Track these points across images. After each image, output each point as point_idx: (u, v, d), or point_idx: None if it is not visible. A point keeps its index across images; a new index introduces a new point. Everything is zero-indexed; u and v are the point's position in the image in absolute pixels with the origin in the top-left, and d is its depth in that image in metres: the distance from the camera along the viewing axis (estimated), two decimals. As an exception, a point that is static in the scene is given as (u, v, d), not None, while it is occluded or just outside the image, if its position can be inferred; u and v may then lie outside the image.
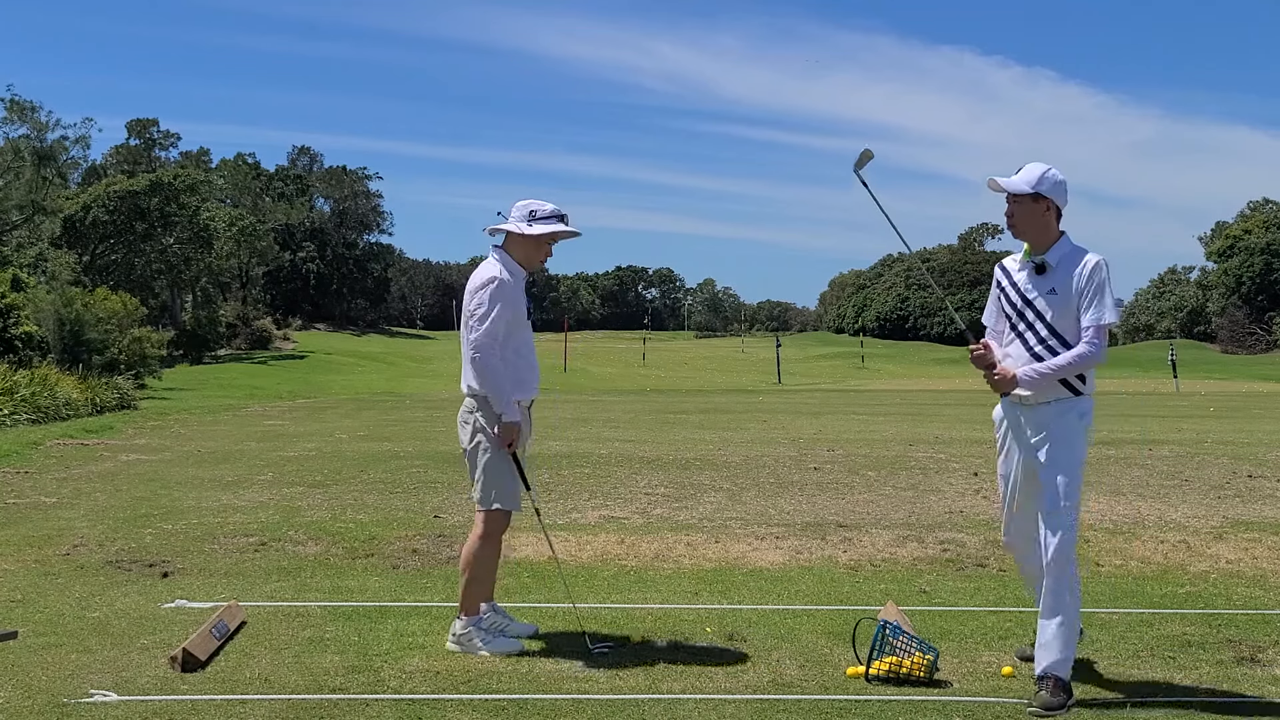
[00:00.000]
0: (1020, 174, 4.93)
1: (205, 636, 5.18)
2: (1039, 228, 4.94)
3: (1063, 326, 4.83)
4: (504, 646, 5.29)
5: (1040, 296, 4.88)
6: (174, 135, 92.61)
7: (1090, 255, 4.88)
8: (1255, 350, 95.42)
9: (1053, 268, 4.88)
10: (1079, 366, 4.79)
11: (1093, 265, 4.83)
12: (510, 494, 5.39)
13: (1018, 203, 4.93)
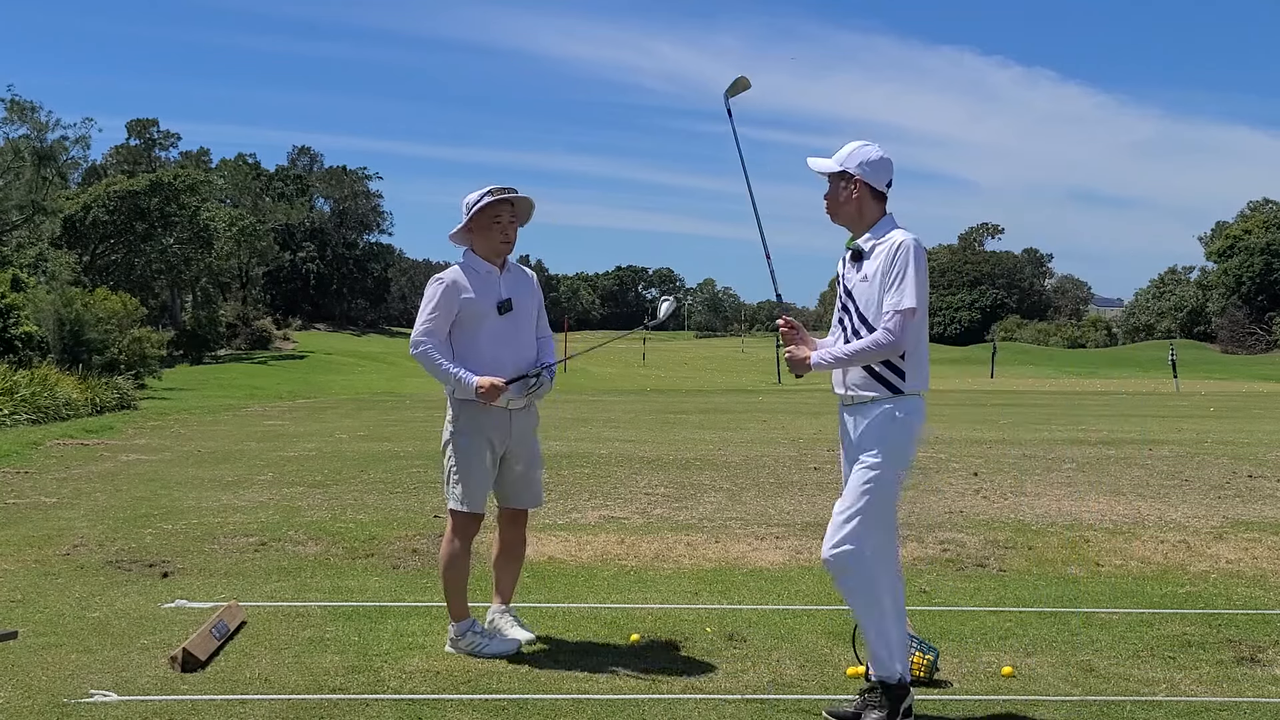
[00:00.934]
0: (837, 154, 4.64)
1: (205, 636, 5.18)
2: (850, 210, 4.64)
3: (873, 316, 4.48)
4: (500, 648, 5.28)
5: (856, 285, 4.59)
6: (174, 135, 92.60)
7: (897, 234, 4.51)
8: (1255, 350, 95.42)
9: (867, 254, 4.55)
10: (871, 354, 4.43)
11: (897, 246, 4.45)
12: (472, 495, 5.36)
13: (830, 184, 4.69)
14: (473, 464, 5.37)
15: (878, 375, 4.49)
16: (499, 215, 5.44)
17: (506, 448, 5.46)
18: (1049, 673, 5.08)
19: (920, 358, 4.54)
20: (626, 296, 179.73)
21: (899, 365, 4.48)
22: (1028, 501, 10.02)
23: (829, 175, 4.67)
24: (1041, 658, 5.32)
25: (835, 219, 4.70)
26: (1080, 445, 16.00)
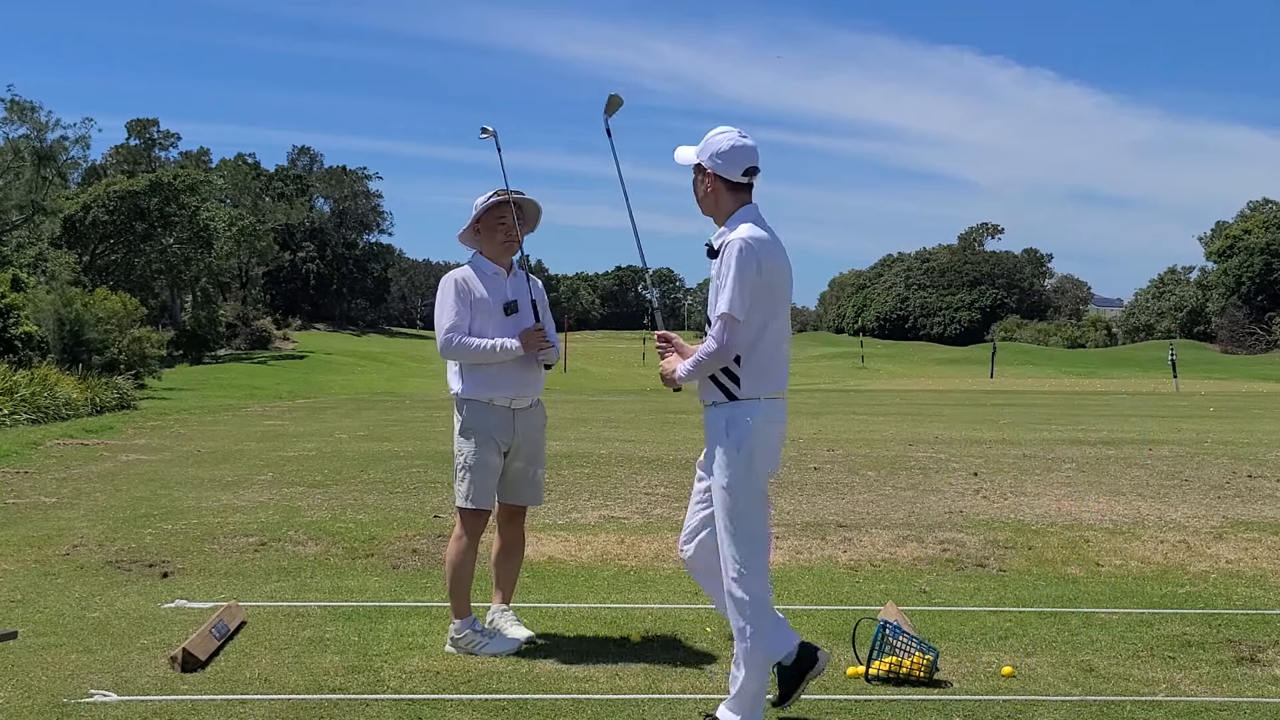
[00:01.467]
0: None
1: (205, 636, 5.18)
2: (707, 204, 4.47)
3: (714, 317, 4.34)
4: (500, 647, 5.29)
5: (711, 284, 4.43)
6: (174, 135, 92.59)
7: (733, 235, 4.26)
8: (1255, 350, 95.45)
9: (717, 251, 4.35)
10: (705, 362, 4.30)
11: (730, 247, 4.24)
12: (477, 492, 5.41)
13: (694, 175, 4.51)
14: (477, 462, 5.41)
15: (714, 380, 4.35)
16: (503, 217, 5.51)
17: (511, 445, 5.49)
18: (1049, 673, 5.08)
19: (761, 362, 4.28)
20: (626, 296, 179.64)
21: (734, 370, 4.29)
22: (1028, 501, 10.02)
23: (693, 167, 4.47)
24: (1041, 658, 5.32)
25: (703, 213, 4.52)
26: (1080, 445, 16.00)
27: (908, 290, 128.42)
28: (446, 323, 5.45)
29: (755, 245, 4.23)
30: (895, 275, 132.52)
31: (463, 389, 5.48)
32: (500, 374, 5.44)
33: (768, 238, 4.32)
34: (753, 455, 4.30)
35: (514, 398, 5.46)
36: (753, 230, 4.28)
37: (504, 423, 5.46)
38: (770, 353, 4.31)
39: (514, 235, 5.54)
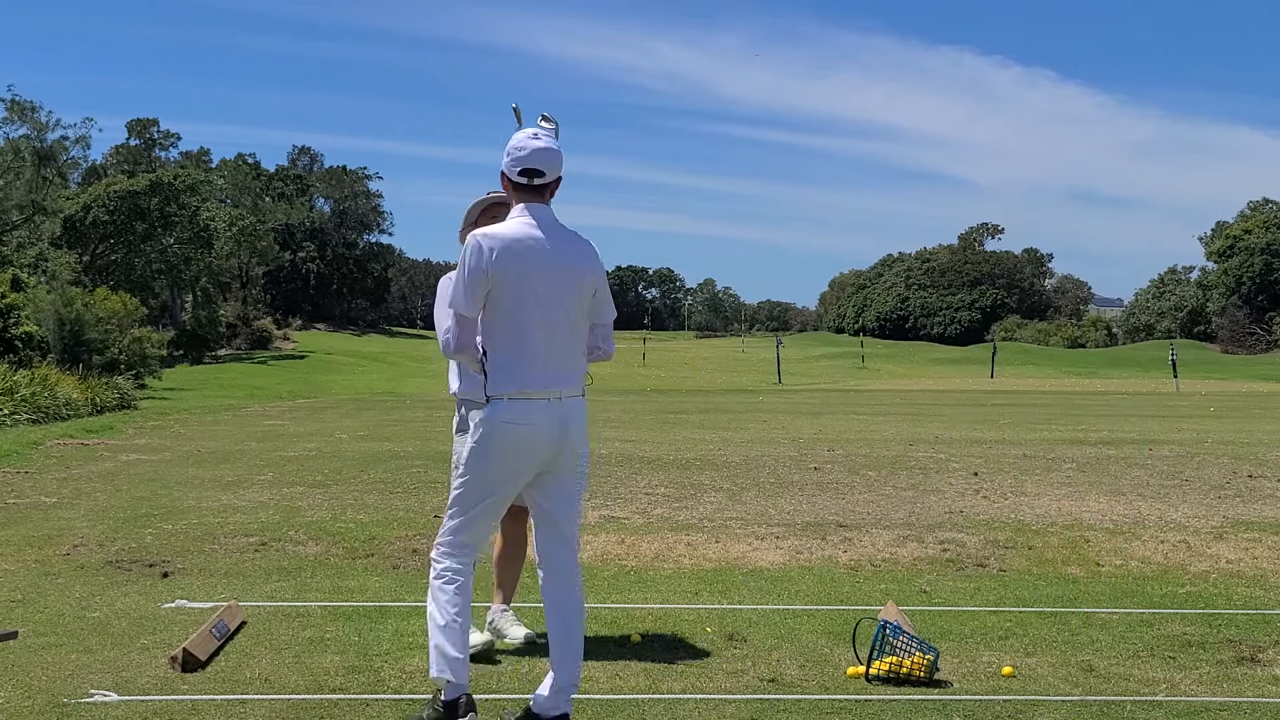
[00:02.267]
0: None
1: (205, 636, 5.17)
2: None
3: None
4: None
5: None
6: (174, 135, 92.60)
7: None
8: (1255, 350, 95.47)
9: None
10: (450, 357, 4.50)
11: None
12: None
13: None
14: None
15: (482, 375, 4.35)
16: (495, 216, 5.49)
17: None
18: (1049, 673, 5.08)
19: (502, 361, 4.23)
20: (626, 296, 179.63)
21: (485, 367, 4.29)
22: (1028, 501, 10.02)
23: None
24: (1041, 658, 5.32)
25: None
26: (1080, 445, 16.00)
27: (908, 290, 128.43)
28: (446, 323, 5.45)
29: (483, 242, 4.21)
30: (895, 275, 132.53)
31: (461, 387, 5.50)
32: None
33: (510, 235, 4.24)
34: (487, 453, 4.23)
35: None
36: (493, 229, 4.27)
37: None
38: (513, 352, 4.23)
39: None
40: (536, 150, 4.27)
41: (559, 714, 4.27)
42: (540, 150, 4.27)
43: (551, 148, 4.30)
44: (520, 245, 4.21)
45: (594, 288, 4.33)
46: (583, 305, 4.31)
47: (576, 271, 4.28)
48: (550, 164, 4.28)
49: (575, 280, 4.27)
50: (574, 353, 4.31)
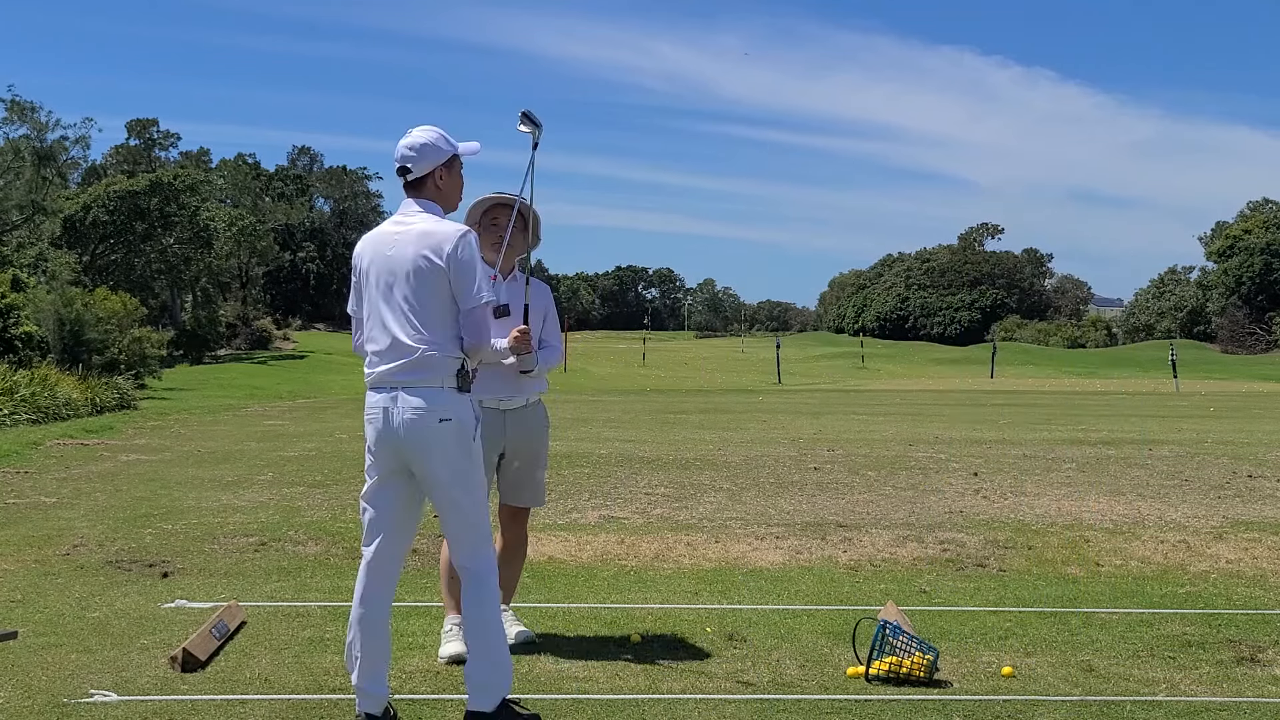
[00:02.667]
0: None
1: (205, 636, 5.17)
2: None
3: None
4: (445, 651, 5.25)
5: None
6: (174, 135, 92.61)
7: None
8: (1255, 350, 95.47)
9: None
10: None
11: None
12: None
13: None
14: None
15: None
16: (496, 218, 5.50)
17: (505, 446, 5.49)
18: (1049, 673, 5.08)
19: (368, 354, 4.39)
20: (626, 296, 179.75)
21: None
22: (1028, 501, 10.02)
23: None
24: (1041, 658, 5.32)
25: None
26: (1080, 445, 16.00)
27: (908, 290, 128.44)
28: None
29: (360, 242, 4.49)
30: (895, 275, 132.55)
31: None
32: (489, 375, 5.39)
33: (377, 231, 4.48)
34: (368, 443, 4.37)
35: (503, 399, 5.44)
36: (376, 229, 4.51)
37: (493, 424, 5.42)
38: (367, 343, 4.37)
39: (505, 237, 5.46)
40: (402, 149, 4.41)
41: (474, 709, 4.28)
42: (404, 149, 4.40)
43: (415, 144, 4.38)
44: (378, 238, 4.42)
45: (437, 274, 4.24)
46: (419, 293, 4.25)
47: (412, 259, 4.27)
48: (412, 160, 4.38)
49: (408, 267, 4.27)
50: (411, 343, 4.24)
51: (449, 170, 4.45)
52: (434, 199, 4.42)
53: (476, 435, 4.30)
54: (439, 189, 4.43)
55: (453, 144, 4.46)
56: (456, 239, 4.27)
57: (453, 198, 4.50)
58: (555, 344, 5.64)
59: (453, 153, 4.45)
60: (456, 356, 4.26)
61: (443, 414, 4.21)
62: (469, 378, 4.30)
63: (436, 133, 4.44)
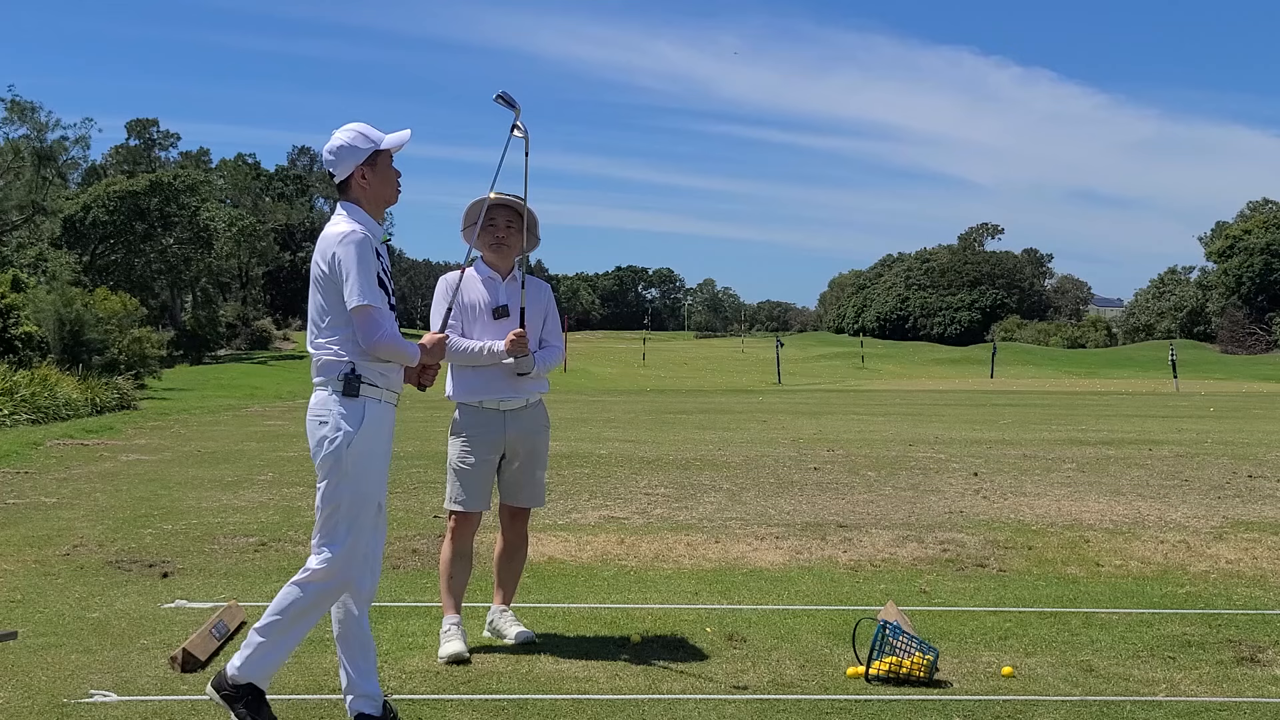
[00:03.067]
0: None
1: (205, 636, 5.17)
2: None
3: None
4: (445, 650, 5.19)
5: None
6: (174, 135, 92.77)
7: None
8: (1255, 350, 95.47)
9: None
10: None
11: None
12: (460, 495, 5.45)
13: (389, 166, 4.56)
14: (461, 465, 5.48)
15: None
16: (493, 218, 5.51)
17: (505, 447, 5.50)
18: (1049, 673, 5.08)
19: None
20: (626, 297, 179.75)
21: None
22: (1028, 501, 10.02)
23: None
24: (1041, 658, 5.32)
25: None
26: (1080, 445, 16.00)
27: (908, 290, 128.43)
28: (436, 325, 5.47)
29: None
30: (895, 275, 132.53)
31: (454, 392, 5.54)
32: (488, 376, 5.45)
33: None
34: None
35: (502, 399, 5.46)
36: None
37: (493, 425, 5.46)
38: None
39: (501, 237, 5.52)
40: (324, 154, 4.42)
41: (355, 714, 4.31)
42: (325, 153, 4.41)
43: (332, 147, 4.36)
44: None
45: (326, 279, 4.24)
46: (317, 298, 4.29)
47: (314, 265, 4.32)
48: (332, 165, 4.39)
49: (313, 273, 4.33)
50: (312, 347, 4.31)
51: (373, 168, 4.37)
52: (360, 199, 4.37)
53: (353, 444, 4.21)
54: (364, 189, 4.38)
55: (374, 139, 4.38)
56: (338, 241, 4.23)
57: (382, 193, 4.42)
58: (556, 344, 5.65)
59: (372, 149, 4.36)
60: (346, 361, 4.24)
61: (323, 416, 4.24)
62: (357, 381, 4.23)
63: (355, 131, 4.37)
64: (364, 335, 4.22)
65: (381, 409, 4.31)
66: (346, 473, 4.21)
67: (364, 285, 4.20)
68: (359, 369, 4.24)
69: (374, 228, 4.36)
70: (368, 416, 4.24)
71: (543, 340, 5.60)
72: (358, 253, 4.21)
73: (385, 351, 4.27)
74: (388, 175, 4.43)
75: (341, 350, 4.24)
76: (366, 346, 4.23)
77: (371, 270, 4.24)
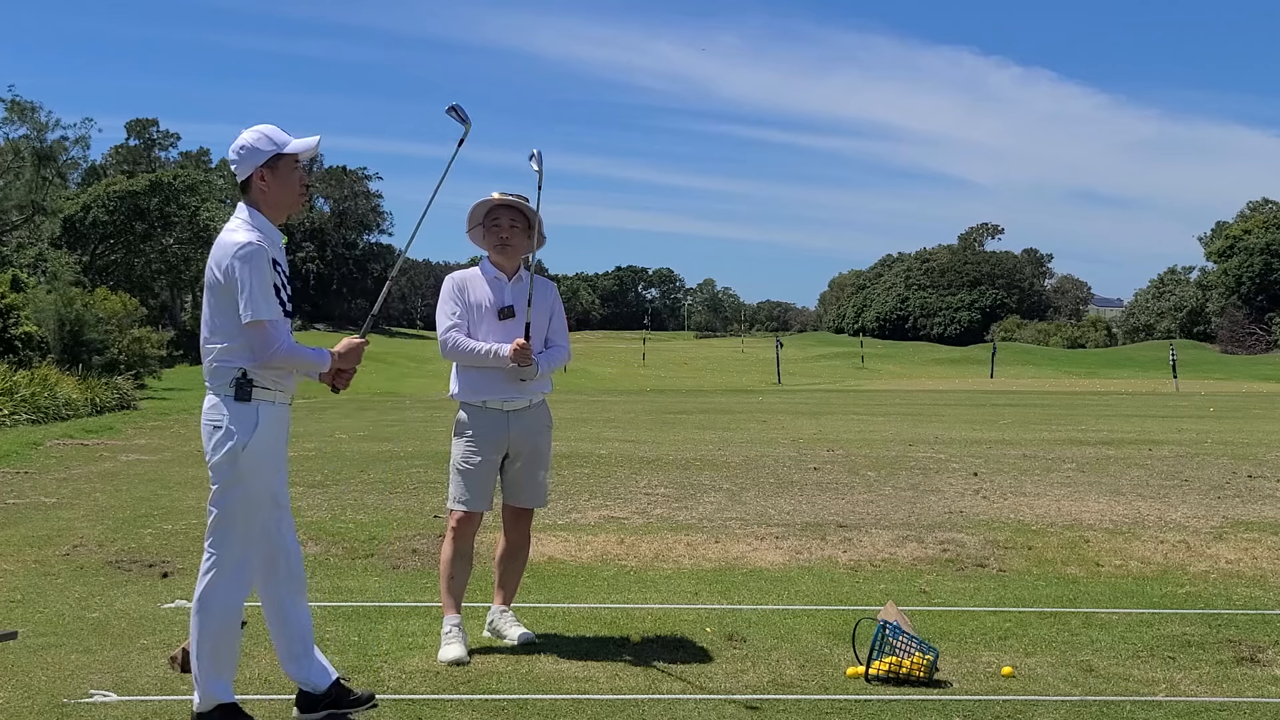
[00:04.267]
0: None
1: (205, 636, 5.17)
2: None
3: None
4: (445, 654, 5.18)
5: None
6: (174, 135, 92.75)
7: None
8: (1255, 350, 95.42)
9: None
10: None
11: None
12: (461, 495, 5.46)
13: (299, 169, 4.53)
14: (464, 465, 5.47)
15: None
16: (497, 218, 5.52)
17: (507, 447, 5.51)
18: (1049, 673, 5.08)
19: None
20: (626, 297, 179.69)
21: None
22: (1028, 501, 10.02)
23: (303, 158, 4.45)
24: (1041, 658, 5.32)
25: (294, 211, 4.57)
26: (1080, 445, 16.00)
27: (908, 290, 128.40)
28: (443, 325, 5.53)
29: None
30: (895, 275, 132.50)
31: (457, 391, 5.55)
32: (492, 376, 5.46)
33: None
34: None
35: (505, 400, 5.47)
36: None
37: (496, 425, 5.47)
38: None
39: (505, 238, 5.52)
40: (229, 152, 4.42)
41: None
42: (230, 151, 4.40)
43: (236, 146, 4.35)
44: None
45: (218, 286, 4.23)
46: (209, 301, 4.29)
47: (208, 268, 4.31)
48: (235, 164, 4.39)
49: (207, 275, 4.32)
50: (203, 350, 4.31)
51: (273, 171, 4.34)
52: (258, 202, 4.35)
53: (247, 448, 4.20)
54: (263, 191, 4.35)
55: (278, 143, 4.34)
56: (233, 252, 4.19)
57: (280, 198, 4.37)
58: (562, 343, 5.65)
59: (274, 152, 4.33)
60: (237, 366, 4.23)
61: (216, 421, 4.24)
62: (249, 385, 4.23)
63: (259, 133, 4.34)
64: (260, 350, 4.22)
65: (275, 410, 4.30)
66: (241, 476, 4.22)
67: (259, 300, 4.18)
68: (250, 374, 4.24)
69: (272, 233, 4.33)
70: (261, 420, 4.24)
71: (548, 340, 5.60)
72: (253, 266, 4.19)
73: (283, 363, 4.28)
74: (289, 180, 4.38)
75: (232, 355, 4.24)
76: (263, 360, 4.23)
77: (268, 283, 4.22)
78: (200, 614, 4.22)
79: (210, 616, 4.21)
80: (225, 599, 4.23)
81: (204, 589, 4.23)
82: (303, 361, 4.34)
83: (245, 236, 4.23)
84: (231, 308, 4.20)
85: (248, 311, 4.16)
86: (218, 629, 4.21)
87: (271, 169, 4.33)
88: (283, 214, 4.41)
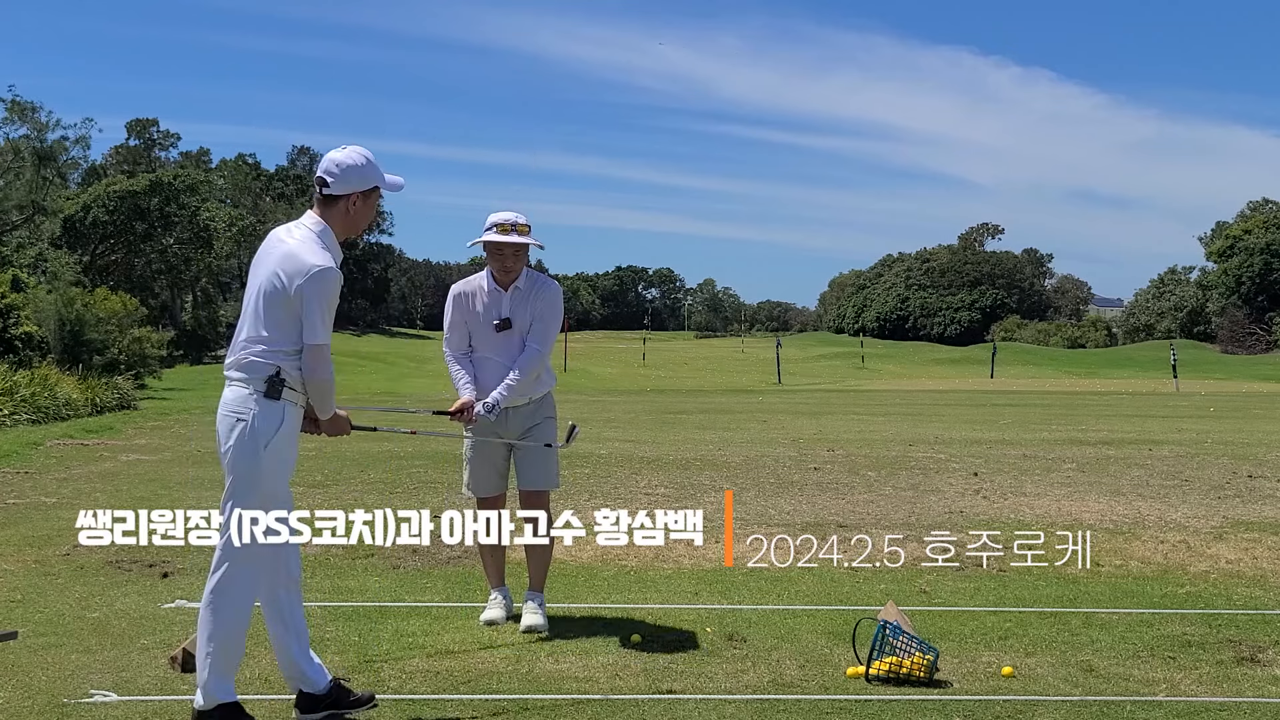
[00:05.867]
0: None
1: (205, 636, 5.17)
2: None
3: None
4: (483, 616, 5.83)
5: None
6: (174, 135, 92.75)
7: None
8: (1255, 350, 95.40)
9: None
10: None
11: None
12: (471, 482, 5.96)
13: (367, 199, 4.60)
14: (471, 455, 5.91)
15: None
16: (501, 249, 5.67)
17: (510, 436, 5.87)
18: (1049, 673, 5.08)
19: None
20: (626, 297, 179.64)
21: None
22: (1028, 501, 10.02)
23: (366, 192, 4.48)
24: (1041, 658, 5.32)
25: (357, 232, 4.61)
26: (1080, 445, 16.00)
27: (908, 290, 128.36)
28: (445, 337, 6.00)
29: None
30: (895, 275, 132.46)
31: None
32: (491, 376, 5.81)
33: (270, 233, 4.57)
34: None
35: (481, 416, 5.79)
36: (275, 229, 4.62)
37: (497, 421, 5.82)
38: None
39: (508, 265, 5.78)
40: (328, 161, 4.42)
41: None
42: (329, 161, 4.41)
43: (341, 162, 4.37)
44: (266, 241, 4.48)
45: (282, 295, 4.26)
46: (260, 303, 4.31)
47: (268, 275, 4.31)
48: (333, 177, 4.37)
49: (262, 280, 4.33)
50: (244, 341, 4.34)
51: (365, 199, 4.43)
52: (337, 222, 4.40)
53: (270, 444, 4.25)
54: (347, 213, 4.41)
55: (378, 174, 4.43)
56: (309, 273, 4.24)
57: (359, 223, 4.46)
58: (535, 345, 5.79)
59: (375, 184, 4.43)
60: (274, 364, 4.27)
61: (241, 415, 4.27)
62: (280, 385, 4.28)
63: (366, 157, 4.40)
64: (312, 368, 4.32)
65: (297, 412, 4.38)
66: (261, 472, 4.25)
67: (326, 324, 4.29)
68: (284, 373, 4.29)
69: (339, 256, 4.40)
70: (286, 419, 4.30)
71: (525, 342, 5.76)
72: (328, 292, 4.28)
73: (319, 388, 4.37)
74: (371, 210, 4.51)
75: (272, 355, 4.27)
76: (308, 378, 4.32)
77: (334, 308, 4.35)
78: (212, 610, 4.22)
79: (222, 613, 4.22)
80: (238, 595, 4.25)
81: (217, 584, 4.24)
82: (328, 398, 4.47)
83: (323, 260, 4.28)
84: (289, 320, 4.27)
85: (312, 334, 4.29)
86: (228, 626, 4.22)
87: (365, 196, 4.43)
88: (348, 236, 4.49)
